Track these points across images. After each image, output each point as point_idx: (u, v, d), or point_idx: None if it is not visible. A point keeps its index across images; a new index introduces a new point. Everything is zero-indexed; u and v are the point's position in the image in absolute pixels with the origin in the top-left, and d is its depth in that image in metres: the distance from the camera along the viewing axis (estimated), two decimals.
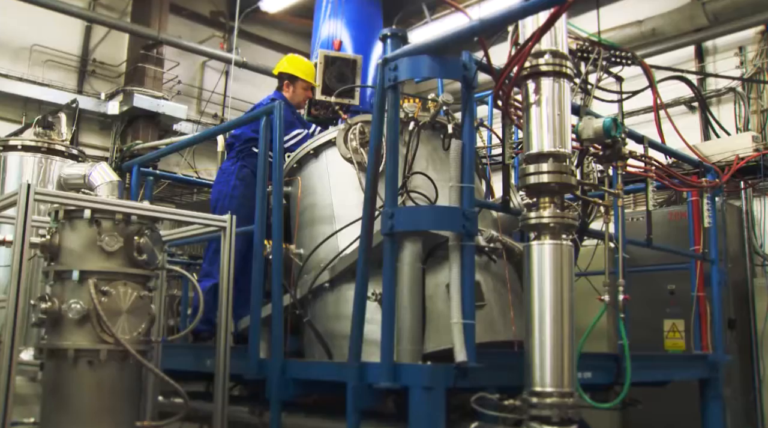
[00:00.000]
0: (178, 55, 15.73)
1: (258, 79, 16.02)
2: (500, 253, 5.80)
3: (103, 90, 14.61)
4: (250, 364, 5.42)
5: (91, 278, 4.55)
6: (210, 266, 6.97)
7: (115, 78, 15.35)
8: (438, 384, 4.24)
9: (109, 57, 15.41)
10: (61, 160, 8.90)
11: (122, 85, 15.03)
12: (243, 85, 15.93)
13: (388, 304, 4.43)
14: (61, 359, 4.51)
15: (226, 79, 16.46)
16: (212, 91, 16.15)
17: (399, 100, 4.65)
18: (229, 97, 14.57)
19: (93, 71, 15.12)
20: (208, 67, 16.62)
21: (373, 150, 4.65)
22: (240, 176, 7.14)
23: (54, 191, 4.58)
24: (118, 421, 4.61)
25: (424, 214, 4.71)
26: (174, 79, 15.56)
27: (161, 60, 15.22)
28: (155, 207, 4.98)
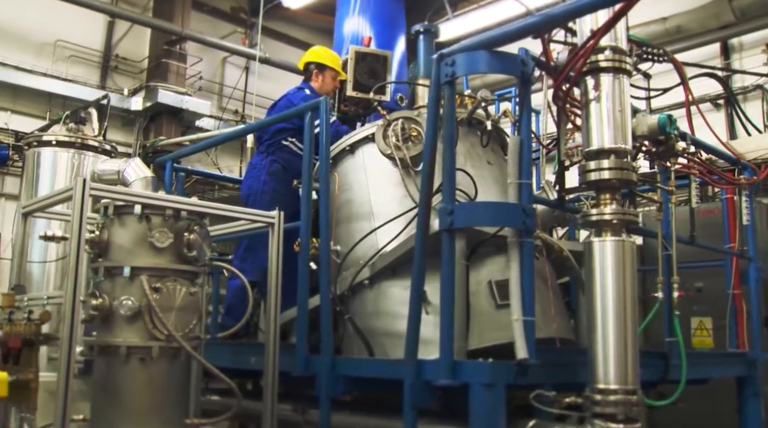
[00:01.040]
0: (199, 51, 15.73)
1: (278, 75, 15.99)
2: (540, 250, 5.79)
3: (126, 86, 14.61)
4: (297, 361, 5.38)
5: (143, 274, 4.50)
6: (242, 263, 6.92)
7: (137, 74, 15.35)
8: (499, 380, 4.20)
9: (132, 53, 15.42)
10: (93, 155, 8.91)
11: (144, 81, 15.01)
12: (264, 82, 15.88)
13: (447, 301, 4.39)
14: (112, 355, 4.46)
15: (246, 75, 16.45)
16: (234, 87, 16.14)
17: (455, 96, 4.60)
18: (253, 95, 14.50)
19: (115, 67, 15.13)
20: (228, 63, 16.61)
21: (428, 146, 4.61)
22: (270, 171, 7.05)
23: (108, 187, 4.52)
24: (168, 418, 4.57)
25: (484, 210, 4.68)
26: (196, 75, 15.54)
27: (184, 56, 15.22)
28: (205, 203, 4.94)
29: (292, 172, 6.97)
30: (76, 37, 14.44)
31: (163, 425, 4.53)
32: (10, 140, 12.99)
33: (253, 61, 16.22)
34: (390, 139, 6.11)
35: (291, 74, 16.11)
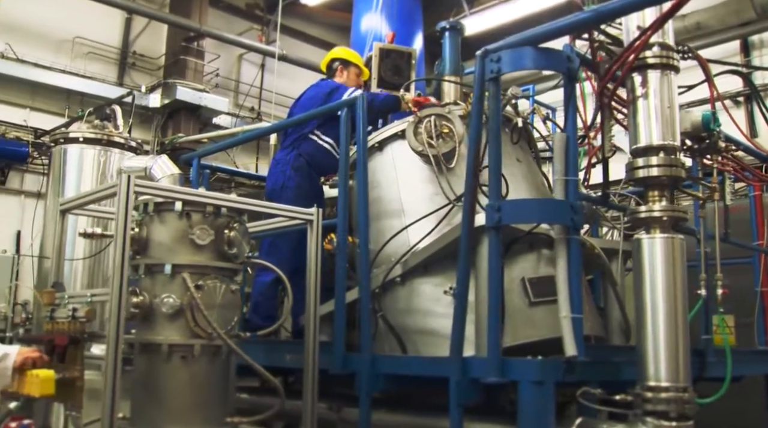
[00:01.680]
0: (215, 47, 15.72)
1: (294, 72, 15.97)
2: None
3: (143, 82, 14.58)
4: (335, 359, 5.37)
5: (184, 271, 4.47)
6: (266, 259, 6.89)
7: (155, 71, 15.35)
8: (548, 378, 4.18)
9: (149, 49, 15.42)
10: (119, 152, 8.91)
11: (161, 77, 15.00)
12: (279, 79, 15.87)
13: (493, 298, 4.37)
14: (153, 353, 4.42)
15: (262, 72, 16.44)
16: (251, 84, 16.11)
17: (500, 93, 4.57)
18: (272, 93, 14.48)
19: (133, 64, 15.12)
20: (244, 60, 16.60)
21: (473, 143, 4.59)
22: (295, 166, 6.96)
23: (152, 183, 4.51)
24: (209, 416, 4.53)
25: (532, 207, 4.67)
26: (213, 72, 15.53)
27: (201, 52, 15.20)
28: (244, 199, 4.92)
29: (316, 167, 6.96)
30: (94, 34, 14.42)
31: (205, 423, 4.50)
32: (29, 137, 12.97)
33: (269, 58, 16.22)
34: (422, 136, 6.09)
35: (307, 71, 16.08)
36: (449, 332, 5.31)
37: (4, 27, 13.19)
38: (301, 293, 6.50)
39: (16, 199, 12.59)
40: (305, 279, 5.74)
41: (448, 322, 5.34)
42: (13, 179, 12.88)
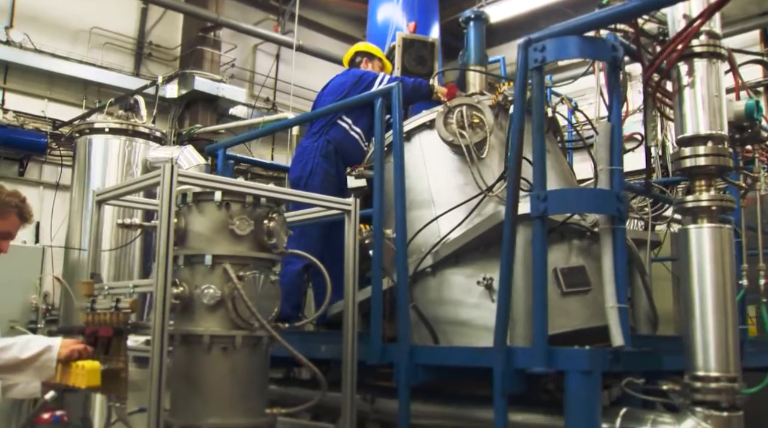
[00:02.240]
0: (231, 38, 15.68)
1: (309, 63, 15.96)
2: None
3: (159, 73, 14.51)
4: (373, 350, 5.34)
5: (225, 262, 4.45)
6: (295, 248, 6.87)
7: (170, 61, 15.31)
8: (595, 368, 4.16)
9: (165, 40, 15.37)
10: (144, 142, 8.90)
11: (177, 68, 14.97)
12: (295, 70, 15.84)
13: (539, 289, 4.34)
14: (193, 345, 4.41)
15: (277, 63, 16.40)
16: (267, 75, 16.07)
17: (543, 82, 4.55)
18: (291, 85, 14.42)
19: (149, 54, 15.08)
20: (259, 51, 16.55)
21: (516, 132, 4.56)
22: (323, 152, 6.90)
23: (195, 173, 4.48)
24: (249, 408, 4.52)
25: (577, 197, 4.65)
26: (229, 63, 15.50)
27: (218, 43, 15.15)
28: (286, 189, 4.91)
29: (343, 154, 6.93)
30: (111, 24, 14.37)
31: (246, 415, 4.49)
32: (47, 128, 12.94)
33: (284, 49, 16.17)
34: (452, 126, 6.08)
35: (322, 62, 16.06)
36: (481, 322, 5.32)
37: (22, 17, 13.16)
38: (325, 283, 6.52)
39: (35, 190, 12.54)
40: (332, 267, 5.75)
41: (480, 313, 5.36)
42: (32, 170, 12.85)
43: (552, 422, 4.71)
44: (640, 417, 4.28)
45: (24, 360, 4.00)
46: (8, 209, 4.33)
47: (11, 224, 4.38)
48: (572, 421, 4.21)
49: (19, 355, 3.99)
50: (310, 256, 5.21)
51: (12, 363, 3.99)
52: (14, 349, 4.00)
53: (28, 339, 4.17)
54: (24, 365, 4.01)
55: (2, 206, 4.33)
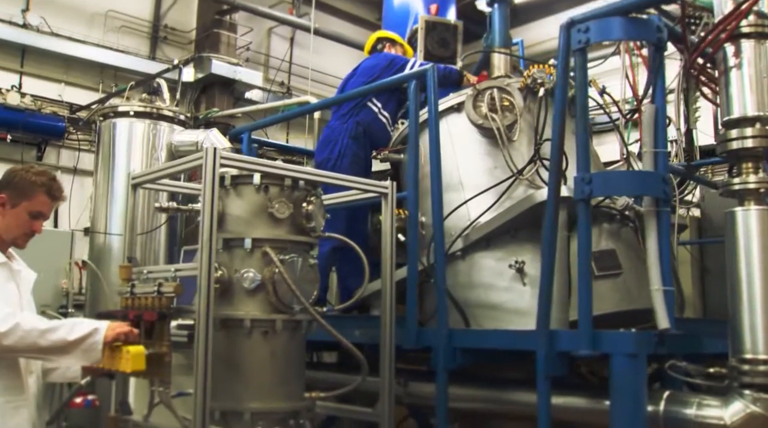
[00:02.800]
0: (246, 21, 15.61)
1: (324, 46, 15.90)
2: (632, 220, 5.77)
3: (175, 56, 14.46)
4: (409, 334, 5.34)
5: (264, 246, 4.42)
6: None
7: (186, 45, 15.25)
8: (641, 350, 4.16)
9: (180, 23, 15.30)
10: (168, 126, 8.86)
11: (193, 51, 14.91)
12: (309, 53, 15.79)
13: (584, 272, 4.32)
14: (233, 329, 4.37)
15: (291, 46, 16.34)
16: (282, 59, 16.01)
17: (587, 63, 4.51)
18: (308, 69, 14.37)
19: (165, 38, 15.02)
20: (274, 34, 16.49)
21: (558, 115, 4.54)
22: (353, 134, 6.90)
23: (237, 156, 4.44)
24: (289, 392, 4.51)
25: (623, 179, 4.62)
26: (244, 46, 15.43)
27: (234, 26, 15.09)
28: (324, 172, 4.88)
29: (371, 137, 6.92)
30: (126, 8, 14.30)
31: (286, 399, 4.48)
32: (64, 112, 12.92)
33: (299, 33, 16.11)
34: (481, 109, 6.05)
35: (338, 46, 16.01)
36: (512, 306, 5.32)
37: (38, 1, 13.11)
38: (351, 266, 6.51)
39: None
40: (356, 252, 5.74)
41: (511, 296, 5.36)
42: (50, 154, 12.83)
43: (593, 405, 4.71)
44: (684, 399, 4.27)
45: (71, 342, 3.98)
46: (35, 189, 4.30)
47: (41, 204, 4.35)
48: (618, 404, 4.21)
49: (67, 336, 3.96)
50: (347, 240, 5.18)
51: (59, 344, 3.97)
52: (62, 330, 3.99)
53: (74, 321, 4.16)
54: (71, 347, 3.99)
55: (29, 185, 4.30)
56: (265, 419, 4.33)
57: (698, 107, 4.76)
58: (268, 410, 4.38)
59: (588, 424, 5.01)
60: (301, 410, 4.54)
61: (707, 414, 4.12)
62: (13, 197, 4.29)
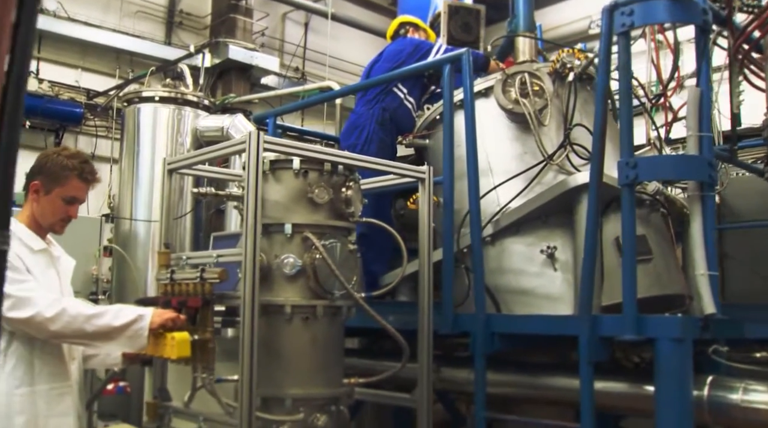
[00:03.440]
0: (261, 5, 15.56)
1: (338, 31, 15.85)
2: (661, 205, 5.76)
3: (190, 42, 14.40)
4: (445, 319, 5.33)
5: (305, 231, 4.39)
6: None
7: (201, 30, 15.20)
8: (688, 335, 4.14)
9: (195, 8, 15.25)
10: (192, 111, 8.83)
11: (208, 37, 14.87)
12: (323, 38, 15.74)
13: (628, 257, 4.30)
14: (274, 315, 4.34)
15: (305, 31, 16.29)
16: (297, 44, 15.96)
17: (630, 47, 4.48)
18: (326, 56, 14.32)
19: (180, 23, 14.97)
20: (288, 19, 16.43)
21: (600, 99, 4.51)
22: (380, 120, 6.88)
23: (280, 140, 4.41)
24: (329, 378, 4.49)
25: (668, 163, 4.59)
26: (260, 32, 15.38)
27: (250, 11, 15.02)
28: (361, 157, 4.84)
29: (397, 123, 6.90)
30: None
31: (326, 385, 4.46)
32: (82, 98, 12.88)
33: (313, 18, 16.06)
34: (510, 94, 6.03)
35: (352, 32, 15.97)
36: (543, 291, 5.32)
37: None
38: (376, 251, 6.50)
39: None
40: (381, 238, 5.71)
41: (542, 282, 5.36)
42: (67, 141, 12.78)
43: (634, 390, 4.70)
44: (728, 384, 4.26)
45: (117, 328, 3.97)
46: (67, 174, 4.22)
47: (74, 189, 4.28)
48: (663, 389, 4.18)
49: (113, 322, 3.95)
50: (385, 225, 5.15)
51: (105, 330, 3.96)
52: (107, 316, 3.97)
53: (120, 307, 4.14)
54: (116, 333, 3.98)
55: (60, 170, 4.22)
56: (306, 405, 4.31)
57: (742, 90, 4.72)
58: (309, 396, 4.36)
59: (628, 409, 5.02)
60: (341, 396, 4.52)
61: (754, 399, 4.11)
62: (46, 184, 4.25)
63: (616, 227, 5.15)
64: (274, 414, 4.24)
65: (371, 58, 7.59)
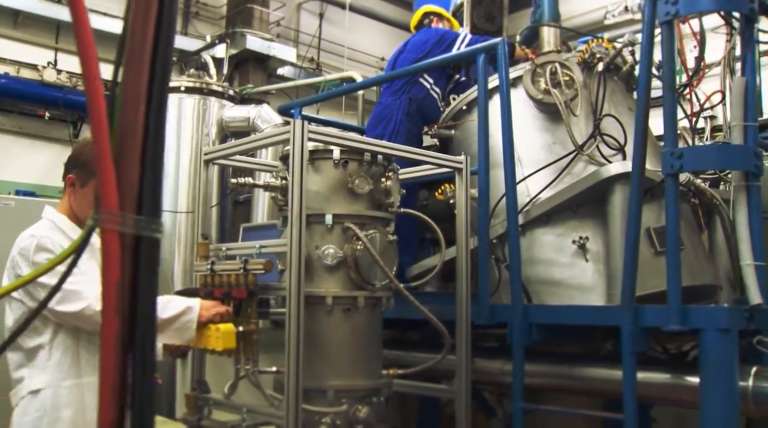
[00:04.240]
0: None
1: (354, 22, 15.79)
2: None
3: (206, 32, 14.36)
4: (481, 310, 5.32)
5: (345, 222, 4.36)
6: None
7: (217, 20, 15.16)
8: (734, 325, 4.13)
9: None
10: (217, 101, 8.81)
11: (224, 27, 14.83)
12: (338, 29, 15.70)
13: (673, 245, 4.28)
14: (314, 306, 4.30)
15: (320, 22, 16.25)
16: (313, 35, 15.92)
17: (674, 36, 4.45)
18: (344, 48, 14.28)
19: (196, 13, 14.93)
20: (303, 10, 16.40)
21: (643, 89, 4.48)
22: (407, 111, 6.86)
23: (324, 129, 4.38)
24: (368, 369, 4.48)
25: (714, 154, 4.55)
26: (275, 22, 15.35)
27: (266, 1, 14.98)
28: (401, 146, 4.82)
29: (423, 114, 6.89)
30: None
31: (366, 376, 4.45)
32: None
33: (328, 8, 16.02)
34: (540, 84, 6.01)
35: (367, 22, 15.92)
36: (574, 282, 5.30)
37: None
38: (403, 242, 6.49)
39: None
40: (406, 228, 5.70)
41: (573, 272, 5.34)
42: (86, 132, 12.66)
43: (674, 381, 4.70)
44: None
45: (165, 320, 3.94)
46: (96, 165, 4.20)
47: None
48: (709, 380, 4.18)
49: (161, 314, 3.91)
50: (425, 216, 5.13)
51: None
52: None
53: (167, 299, 4.11)
54: (164, 325, 3.96)
55: (95, 163, 4.21)
56: (347, 397, 4.30)
57: None
58: (351, 387, 4.35)
59: (664, 400, 5.01)
60: (381, 388, 4.51)
61: None
62: (81, 177, 4.19)
63: (646, 218, 5.13)
64: (315, 405, 4.22)
65: (386, 48, 7.61)
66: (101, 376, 1.30)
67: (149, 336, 1.36)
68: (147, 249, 1.40)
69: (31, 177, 11.58)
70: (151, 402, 1.37)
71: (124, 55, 1.44)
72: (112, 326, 1.29)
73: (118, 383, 1.26)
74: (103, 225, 1.33)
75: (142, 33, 1.42)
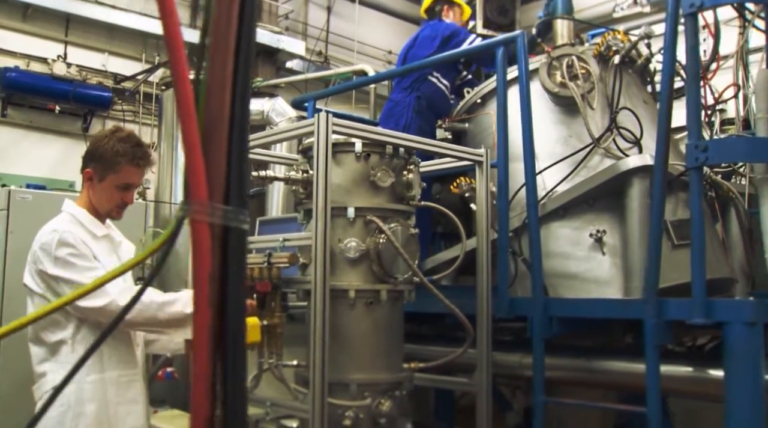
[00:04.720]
0: None
1: (362, 16, 15.74)
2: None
3: None
4: (501, 303, 5.32)
5: (367, 215, 4.35)
6: None
7: None
8: (760, 318, 4.12)
9: None
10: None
11: None
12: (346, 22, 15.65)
13: (697, 241, 4.26)
14: (336, 299, 4.28)
15: (328, 15, 16.19)
16: (321, 28, 15.85)
17: (698, 28, 4.43)
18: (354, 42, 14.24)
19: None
20: (311, 3, 16.33)
21: (666, 82, 4.47)
22: (417, 108, 6.91)
23: (348, 122, 4.34)
24: (390, 363, 4.47)
25: (739, 146, 4.54)
26: (284, 15, 15.28)
27: None
28: (423, 139, 4.81)
29: (434, 109, 6.89)
30: None
31: (388, 370, 4.44)
32: (109, 82, 12.79)
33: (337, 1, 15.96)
34: (556, 77, 6.00)
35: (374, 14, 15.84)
36: (591, 275, 5.30)
37: None
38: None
39: None
40: (420, 222, 5.66)
41: (590, 266, 5.34)
42: (96, 126, 12.66)
43: (698, 374, 4.69)
44: None
45: (189, 315, 3.92)
46: (118, 160, 4.13)
47: (127, 175, 4.20)
48: (734, 374, 4.16)
49: (185, 309, 3.92)
50: (444, 208, 5.13)
51: (177, 317, 3.94)
52: (179, 304, 3.94)
53: (190, 293, 4.11)
54: (189, 320, 3.93)
55: (112, 156, 4.14)
56: (370, 390, 4.29)
57: None
58: (374, 381, 4.33)
59: (684, 392, 5.01)
60: (403, 381, 4.49)
61: None
62: (99, 171, 4.18)
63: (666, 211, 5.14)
64: (338, 399, 4.20)
65: (394, 42, 7.60)
66: (195, 369, 1.29)
67: (239, 328, 1.35)
68: (235, 240, 1.39)
69: (42, 171, 11.53)
70: (244, 396, 1.36)
71: (208, 44, 1.43)
72: (205, 318, 1.29)
73: (210, 376, 1.26)
74: (193, 216, 1.33)
75: (227, 20, 1.42)
